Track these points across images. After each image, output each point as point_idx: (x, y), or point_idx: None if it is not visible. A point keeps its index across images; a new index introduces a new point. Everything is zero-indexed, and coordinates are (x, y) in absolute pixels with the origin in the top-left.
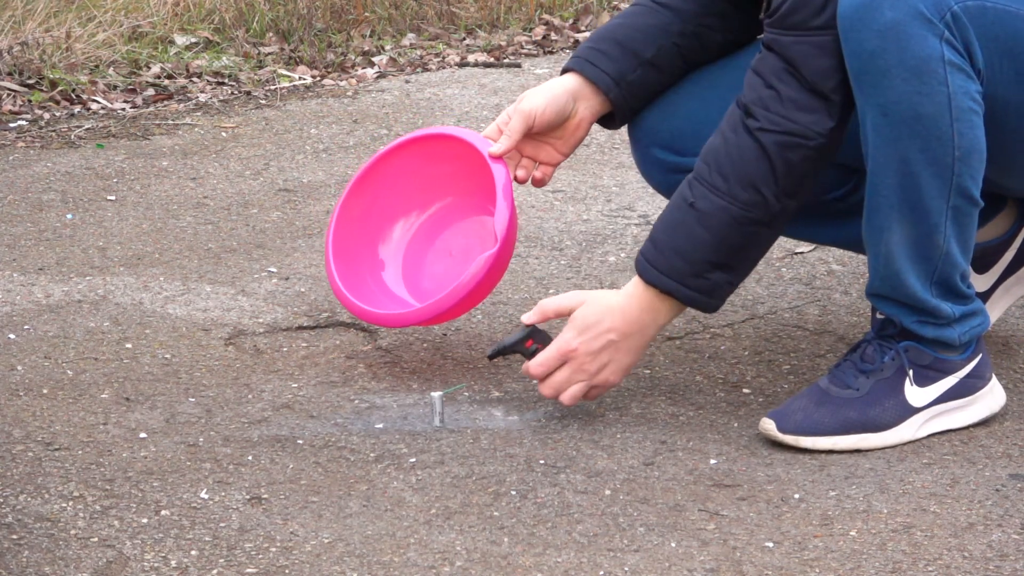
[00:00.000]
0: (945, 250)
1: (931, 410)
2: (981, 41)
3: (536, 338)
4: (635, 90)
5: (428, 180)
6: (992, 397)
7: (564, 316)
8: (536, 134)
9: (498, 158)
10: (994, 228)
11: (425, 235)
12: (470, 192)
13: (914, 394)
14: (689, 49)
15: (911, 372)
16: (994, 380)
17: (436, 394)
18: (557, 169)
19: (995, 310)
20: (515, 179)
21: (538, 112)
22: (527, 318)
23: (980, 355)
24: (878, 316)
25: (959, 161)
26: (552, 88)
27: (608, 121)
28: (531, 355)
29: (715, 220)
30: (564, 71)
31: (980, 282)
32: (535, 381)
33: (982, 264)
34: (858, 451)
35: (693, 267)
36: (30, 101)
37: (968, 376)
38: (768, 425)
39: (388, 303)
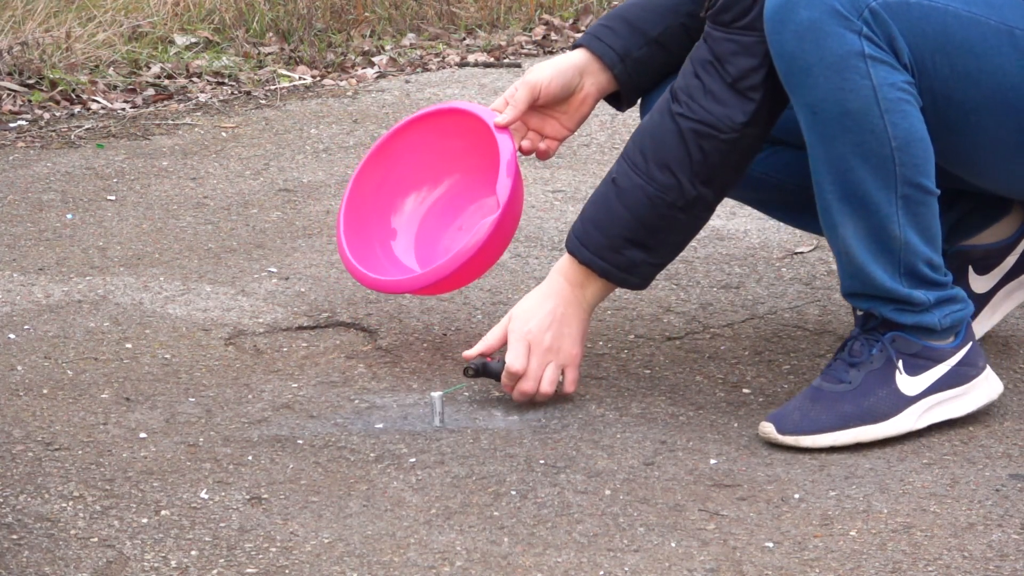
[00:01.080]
0: (904, 240)
1: (927, 400)
2: (907, 37)
3: (493, 356)
4: (640, 68)
5: (440, 154)
6: (988, 385)
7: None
8: (542, 107)
9: (504, 128)
10: (998, 231)
11: (441, 211)
12: (483, 168)
13: (906, 383)
14: (697, 30)
15: (900, 362)
16: (988, 369)
17: (436, 394)
18: (558, 170)
19: (996, 314)
20: (520, 150)
21: (544, 84)
22: (470, 352)
23: (970, 343)
24: (858, 312)
25: (898, 151)
26: (559, 62)
27: (616, 101)
28: (498, 371)
29: (632, 198)
30: (573, 47)
31: (980, 284)
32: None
33: (984, 266)
34: (859, 447)
35: (610, 241)
36: (30, 101)
37: (960, 364)
38: (767, 428)
39: (394, 272)
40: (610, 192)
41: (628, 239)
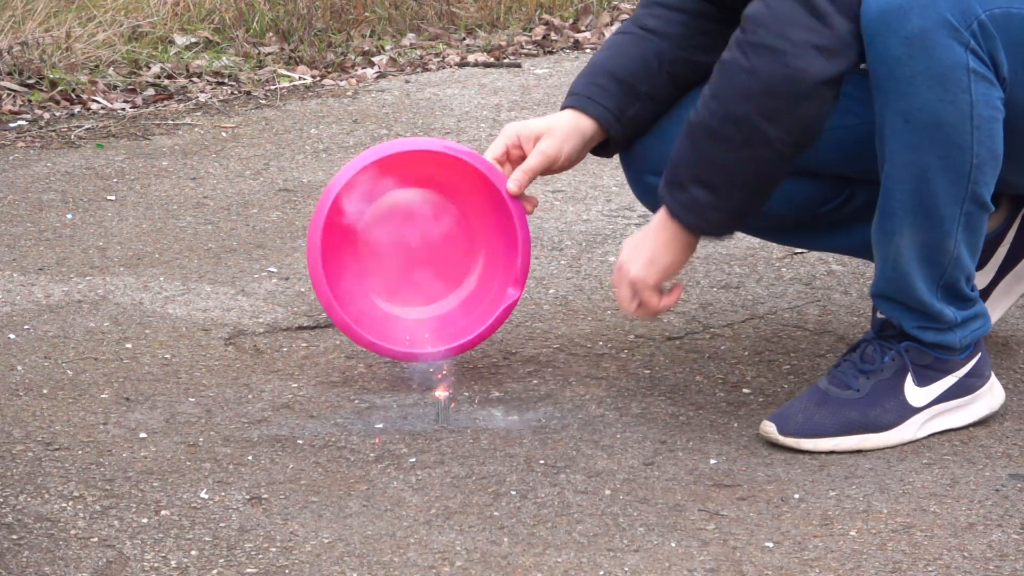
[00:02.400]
0: (955, 255)
1: (931, 410)
2: (1007, 49)
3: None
4: (634, 124)
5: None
6: (991, 396)
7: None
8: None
9: (515, 198)
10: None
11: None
12: (472, 212)
13: (914, 394)
14: (681, 77)
15: (911, 372)
16: (993, 379)
17: (442, 394)
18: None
19: (996, 310)
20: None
21: (561, 159)
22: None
23: (979, 354)
24: (878, 316)
25: (976, 169)
26: (567, 130)
27: (600, 149)
28: None
29: (696, 131)
30: (565, 107)
31: (977, 280)
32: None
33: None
34: (859, 452)
35: (676, 177)
36: (30, 101)
37: (967, 375)
38: (769, 428)
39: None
40: (683, 131)
41: (692, 175)
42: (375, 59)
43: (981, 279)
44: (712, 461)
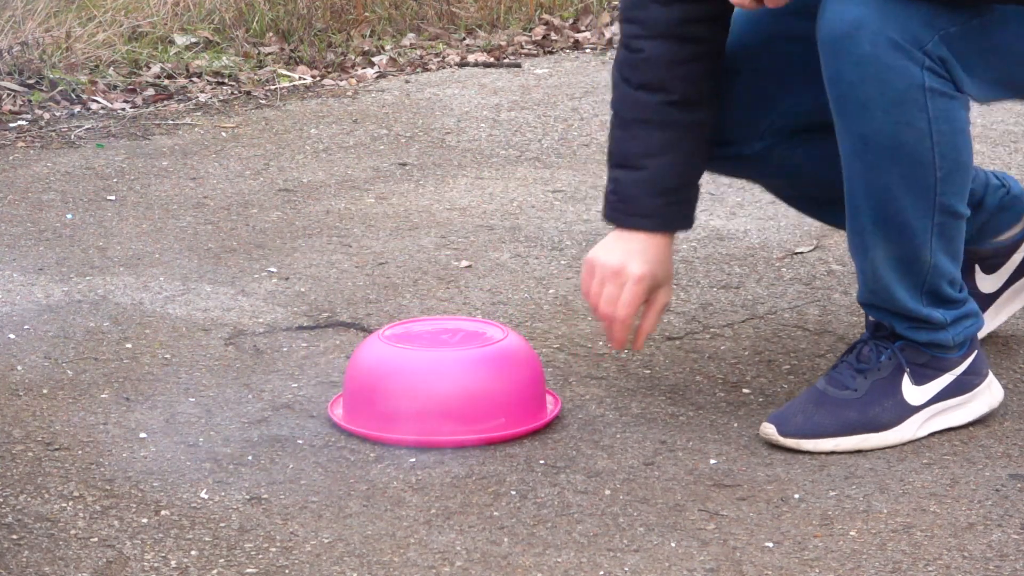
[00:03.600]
0: (932, 263)
1: (930, 408)
2: (965, 60)
3: None
4: None
5: None
6: (990, 393)
7: None
8: None
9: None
10: (1014, 229)
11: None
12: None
13: (912, 392)
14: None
15: (908, 371)
16: (991, 376)
17: None
18: (558, 170)
19: (1003, 313)
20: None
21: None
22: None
23: (976, 351)
24: (870, 318)
25: (941, 181)
26: (669, 265)
27: None
28: None
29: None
30: (660, 230)
31: (988, 283)
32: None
33: (990, 265)
34: (859, 452)
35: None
36: (30, 101)
37: (965, 373)
38: (769, 429)
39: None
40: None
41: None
42: (375, 59)
43: (991, 283)
44: (712, 461)
